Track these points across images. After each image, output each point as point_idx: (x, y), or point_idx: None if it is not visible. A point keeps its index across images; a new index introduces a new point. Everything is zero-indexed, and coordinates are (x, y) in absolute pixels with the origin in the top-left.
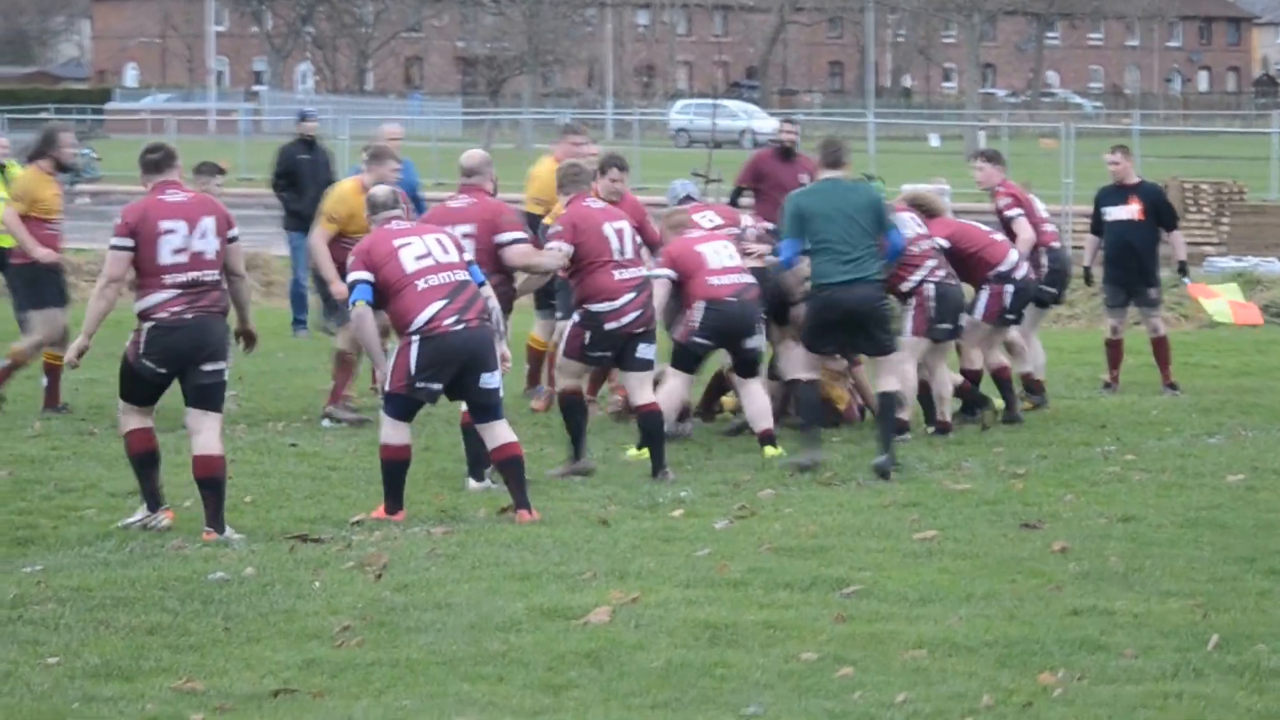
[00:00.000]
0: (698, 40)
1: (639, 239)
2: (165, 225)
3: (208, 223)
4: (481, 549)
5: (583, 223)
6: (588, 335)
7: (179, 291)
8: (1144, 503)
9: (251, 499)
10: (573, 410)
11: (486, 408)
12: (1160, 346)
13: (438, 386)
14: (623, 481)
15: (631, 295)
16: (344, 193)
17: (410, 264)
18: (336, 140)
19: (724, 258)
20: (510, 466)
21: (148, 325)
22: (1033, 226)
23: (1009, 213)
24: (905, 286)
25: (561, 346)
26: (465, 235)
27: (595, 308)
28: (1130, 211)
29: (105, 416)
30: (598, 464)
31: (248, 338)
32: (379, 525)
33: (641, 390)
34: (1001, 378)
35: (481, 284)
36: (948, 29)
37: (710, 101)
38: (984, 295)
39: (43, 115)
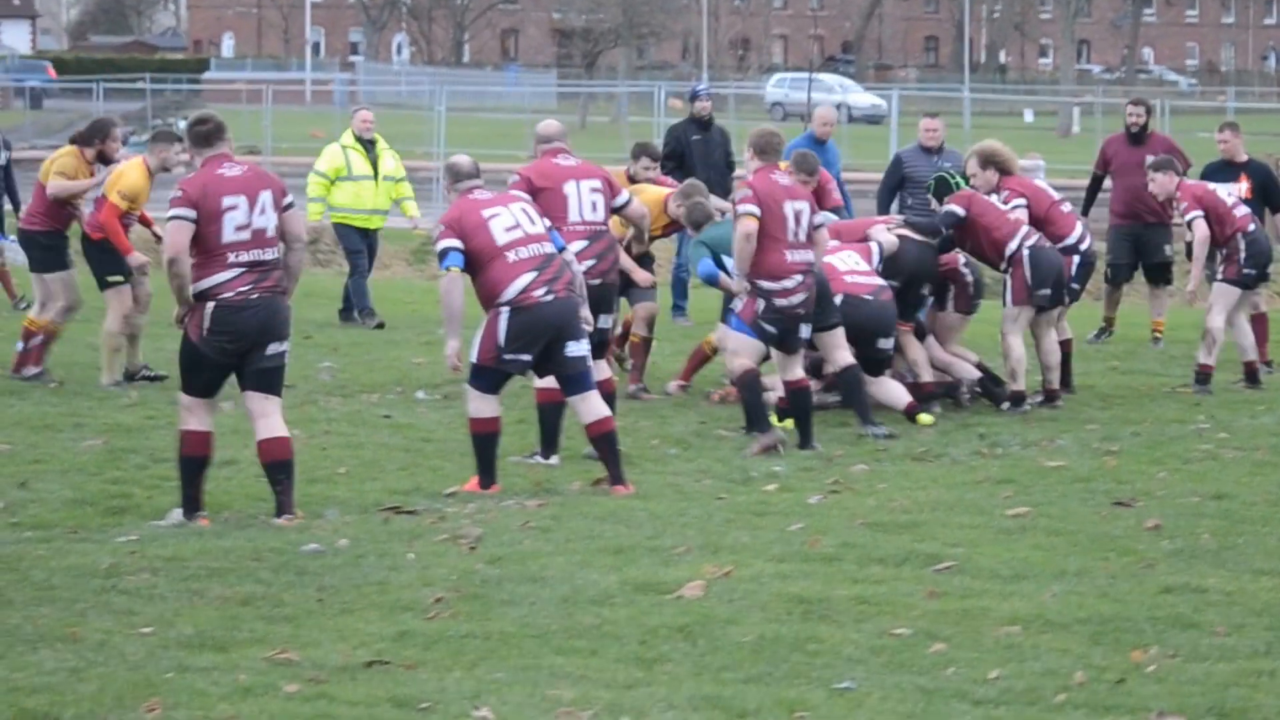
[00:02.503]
0: (794, 14)
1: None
2: (228, 201)
3: (266, 197)
4: (575, 522)
5: (766, 196)
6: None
7: (243, 270)
8: (1236, 481)
9: (345, 470)
10: (750, 387)
11: (575, 378)
12: (1260, 323)
13: (527, 357)
14: (716, 455)
15: (800, 278)
16: (130, 172)
17: (501, 235)
18: (433, 112)
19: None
20: (604, 441)
21: (211, 305)
22: (1221, 216)
23: (1188, 215)
24: (1006, 255)
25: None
26: (594, 190)
27: (766, 285)
28: (1239, 189)
29: None
30: (700, 439)
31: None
32: (473, 498)
33: (793, 368)
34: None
35: (563, 250)
36: (1044, 4)
37: (806, 75)
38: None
39: (139, 85)
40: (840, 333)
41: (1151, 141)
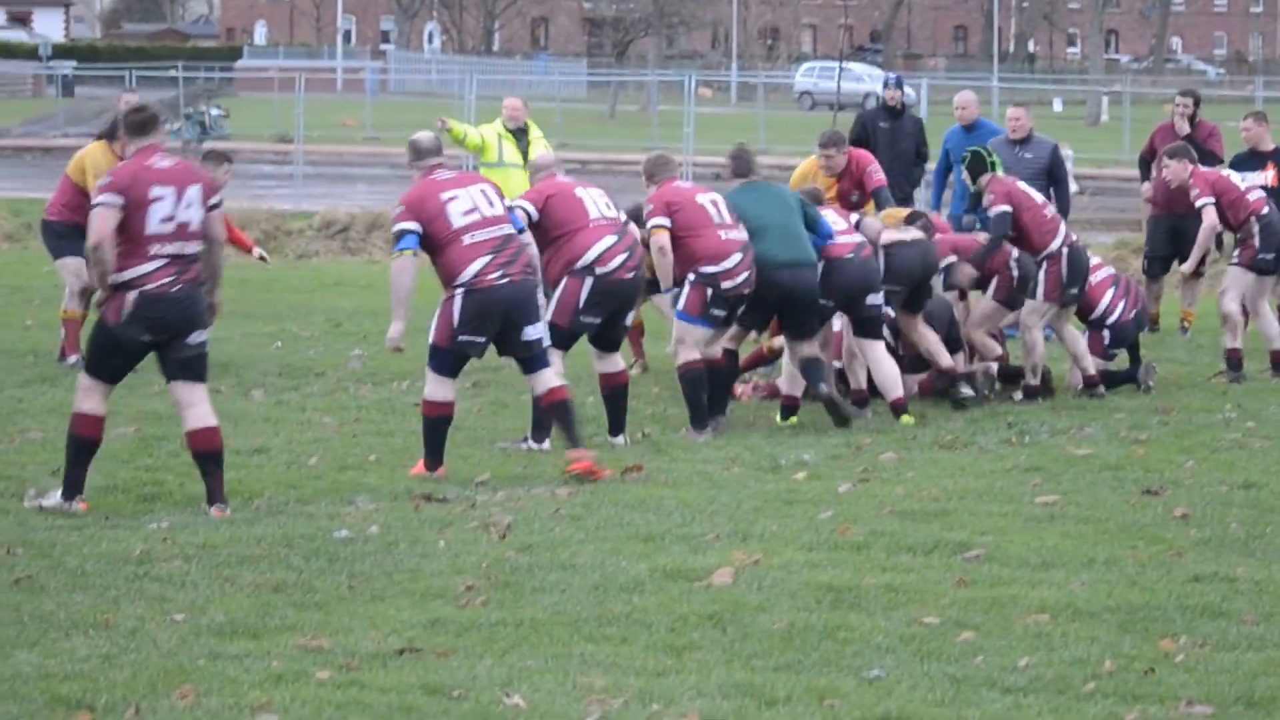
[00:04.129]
0: (823, 3)
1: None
2: (155, 192)
3: (194, 192)
4: (605, 510)
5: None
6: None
7: (166, 261)
8: (1265, 469)
9: (376, 458)
10: (695, 381)
11: (530, 359)
12: None
13: (482, 339)
14: (745, 443)
15: (740, 255)
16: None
17: (458, 219)
18: (463, 101)
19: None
20: (560, 409)
21: (133, 294)
22: (1234, 201)
23: (1199, 202)
24: (1046, 251)
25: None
26: (602, 193)
27: (710, 270)
28: (1265, 177)
29: (230, 374)
30: (728, 427)
31: (210, 309)
32: (503, 485)
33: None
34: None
35: (521, 231)
36: None
37: (835, 65)
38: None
39: (172, 73)
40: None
41: (1198, 131)
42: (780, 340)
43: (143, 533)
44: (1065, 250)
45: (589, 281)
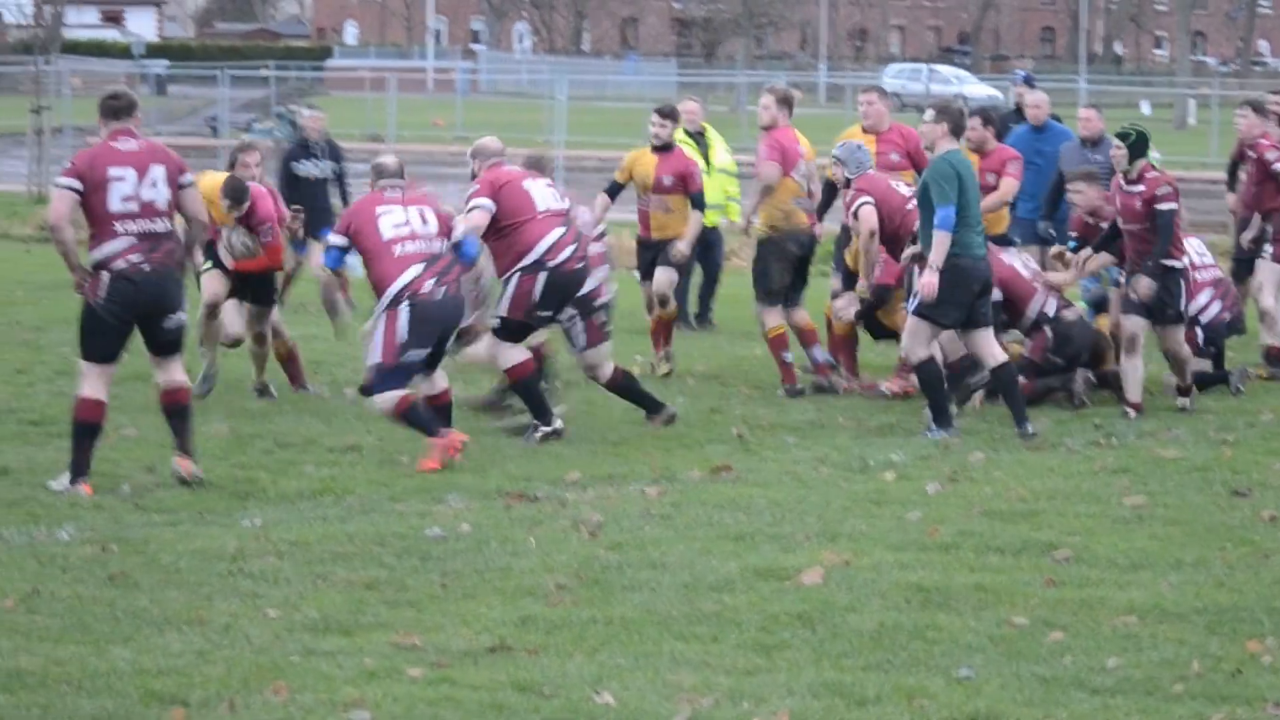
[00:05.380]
0: (911, 4)
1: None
2: (114, 172)
3: (158, 171)
4: (695, 509)
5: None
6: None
7: (133, 240)
8: None
9: (466, 456)
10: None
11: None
12: None
13: (424, 352)
14: (834, 444)
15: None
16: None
17: (388, 230)
18: (553, 101)
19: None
20: (445, 410)
21: (106, 275)
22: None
23: (1277, 165)
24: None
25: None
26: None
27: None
28: None
29: (323, 371)
30: (817, 427)
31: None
32: (593, 484)
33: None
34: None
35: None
36: None
37: (923, 66)
38: None
39: (263, 73)
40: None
41: None
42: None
43: (236, 529)
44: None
45: (542, 276)
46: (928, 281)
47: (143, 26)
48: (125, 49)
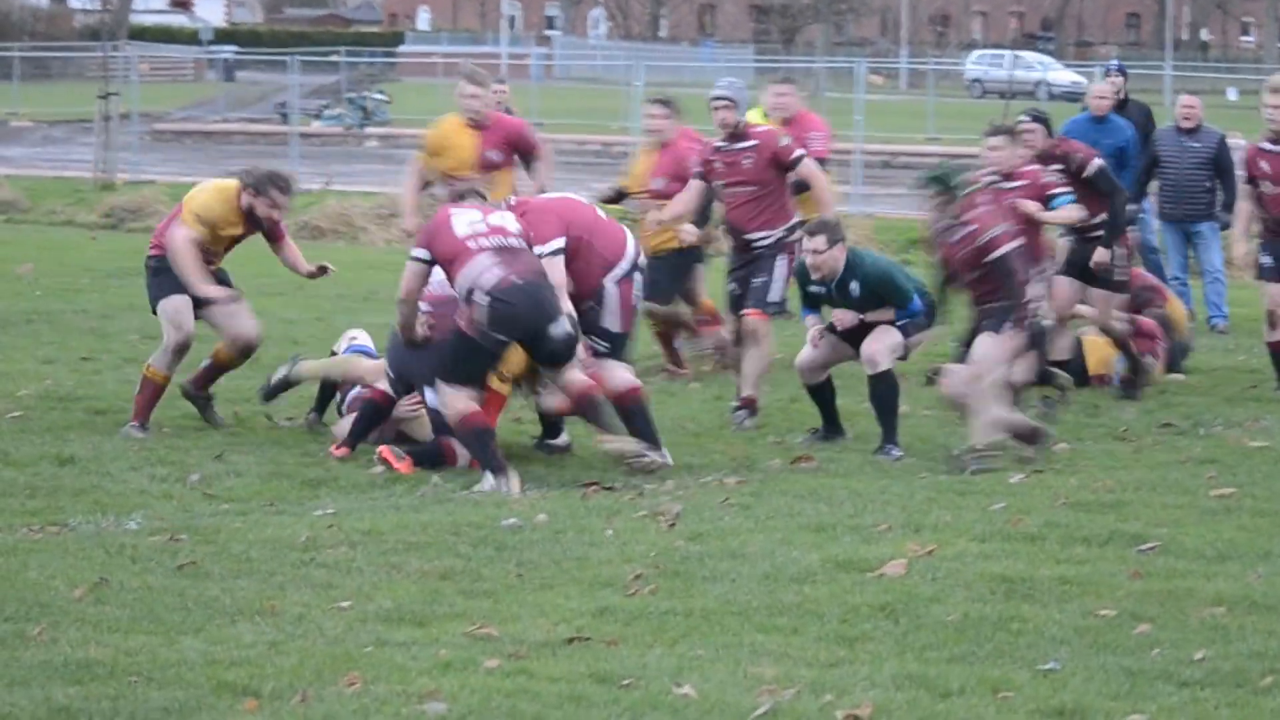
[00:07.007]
0: None
1: None
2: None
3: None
4: (775, 499)
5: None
6: None
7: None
8: None
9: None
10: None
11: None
12: None
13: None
14: (916, 434)
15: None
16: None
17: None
18: (629, 88)
19: None
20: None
21: (483, 300)
22: None
23: None
24: None
25: None
26: None
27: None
28: None
29: None
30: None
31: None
32: (672, 474)
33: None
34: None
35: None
36: None
37: (1005, 52)
38: None
39: (334, 59)
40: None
41: None
42: None
43: (308, 519)
44: None
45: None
46: None
47: (211, 12)
48: (193, 35)
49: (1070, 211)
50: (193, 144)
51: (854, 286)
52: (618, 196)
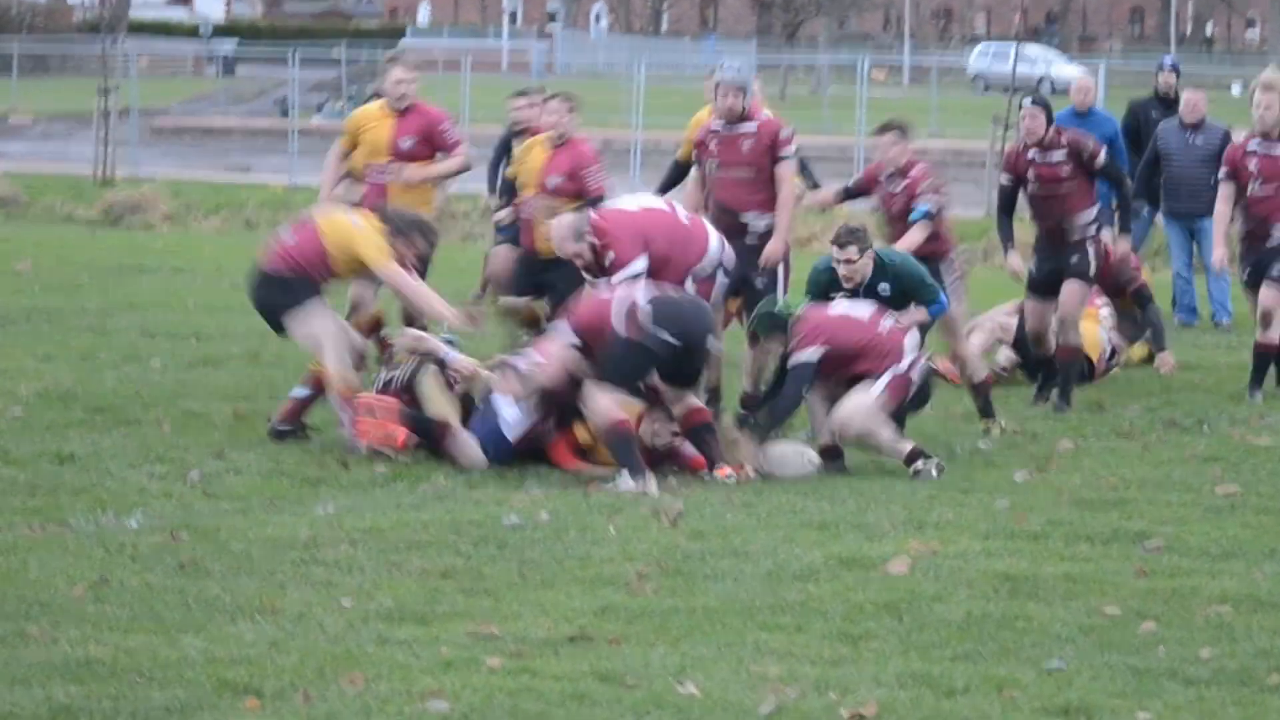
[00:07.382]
0: None
1: None
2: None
3: None
4: (778, 497)
5: None
6: None
7: None
8: None
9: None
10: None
11: None
12: None
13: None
14: (921, 432)
15: None
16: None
17: None
18: (631, 82)
19: None
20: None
21: (646, 306)
22: None
23: None
24: None
25: None
26: None
27: None
28: None
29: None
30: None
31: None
32: (674, 471)
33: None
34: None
35: None
36: None
37: (1009, 47)
38: None
39: (334, 53)
40: None
41: None
42: None
43: (309, 517)
44: None
45: None
46: None
47: (210, 7)
48: (193, 29)
49: (914, 234)
50: (191, 140)
51: (883, 287)
52: (509, 189)
